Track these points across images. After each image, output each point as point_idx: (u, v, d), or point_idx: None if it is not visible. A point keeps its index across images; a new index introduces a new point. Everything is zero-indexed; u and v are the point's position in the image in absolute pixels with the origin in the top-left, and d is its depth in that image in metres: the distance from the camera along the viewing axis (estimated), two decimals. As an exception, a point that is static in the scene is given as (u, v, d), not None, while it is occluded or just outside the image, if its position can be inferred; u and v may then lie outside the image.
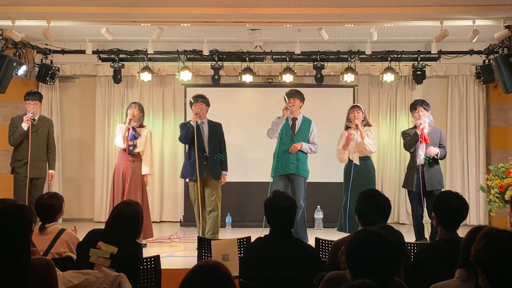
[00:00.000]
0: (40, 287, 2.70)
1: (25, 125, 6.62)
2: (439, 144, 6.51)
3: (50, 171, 6.97)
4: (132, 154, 6.59)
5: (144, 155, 6.68)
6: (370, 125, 6.78)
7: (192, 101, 6.58)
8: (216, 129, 6.60)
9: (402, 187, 6.89)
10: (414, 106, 6.58)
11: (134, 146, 6.59)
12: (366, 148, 6.51)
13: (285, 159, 6.53)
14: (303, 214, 6.53)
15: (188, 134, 6.43)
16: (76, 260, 3.69)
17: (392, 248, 2.30)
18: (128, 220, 3.57)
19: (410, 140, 6.46)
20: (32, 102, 6.75)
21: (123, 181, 6.57)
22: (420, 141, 6.37)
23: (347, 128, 6.72)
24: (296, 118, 6.67)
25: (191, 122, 6.44)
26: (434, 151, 6.39)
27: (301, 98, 6.67)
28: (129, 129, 6.53)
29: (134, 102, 6.82)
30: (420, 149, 6.42)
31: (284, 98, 6.66)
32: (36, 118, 6.83)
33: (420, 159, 6.40)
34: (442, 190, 6.07)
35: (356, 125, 6.51)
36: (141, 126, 6.71)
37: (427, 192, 6.31)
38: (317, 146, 6.69)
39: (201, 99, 6.54)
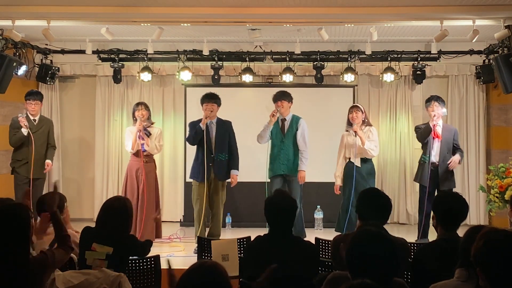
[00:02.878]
0: (39, 287, 2.71)
1: (24, 131, 6.60)
2: (454, 144, 6.51)
3: (47, 160, 6.87)
4: (146, 155, 6.56)
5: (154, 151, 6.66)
6: (371, 125, 6.65)
7: (204, 101, 6.42)
8: (224, 129, 6.49)
9: (414, 180, 6.88)
10: (429, 101, 6.58)
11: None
12: (368, 153, 6.42)
13: (278, 161, 6.54)
14: (300, 213, 6.47)
15: (196, 136, 6.35)
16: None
17: (392, 247, 2.30)
18: (117, 214, 3.60)
19: (423, 132, 6.44)
20: (33, 102, 6.75)
21: (137, 182, 6.55)
22: (433, 136, 6.38)
23: (348, 131, 6.60)
24: (285, 119, 6.63)
25: (201, 124, 6.33)
26: (457, 159, 6.42)
27: (289, 99, 6.59)
28: (140, 131, 6.48)
29: (139, 103, 6.72)
30: (430, 145, 6.41)
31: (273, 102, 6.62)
32: (37, 118, 6.83)
33: (432, 155, 6.39)
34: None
35: (355, 131, 6.36)
36: (152, 124, 6.70)
37: (440, 190, 6.30)
38: (307, 146, 6.54)
39: (213, 100, 6.41)
